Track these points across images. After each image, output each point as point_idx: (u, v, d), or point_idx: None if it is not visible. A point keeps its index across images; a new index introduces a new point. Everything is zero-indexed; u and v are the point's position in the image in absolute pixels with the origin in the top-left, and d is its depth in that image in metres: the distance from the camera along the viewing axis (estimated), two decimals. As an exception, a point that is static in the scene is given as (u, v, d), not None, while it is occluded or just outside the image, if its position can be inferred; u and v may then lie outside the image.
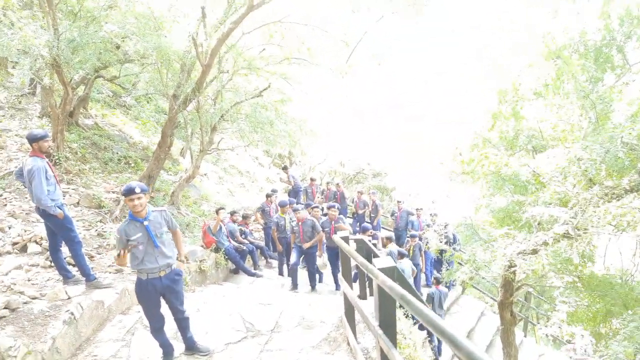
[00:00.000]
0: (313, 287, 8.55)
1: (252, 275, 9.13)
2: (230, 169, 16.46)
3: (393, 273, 3.30)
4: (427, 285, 10.95)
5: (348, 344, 5.11)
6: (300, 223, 8.37)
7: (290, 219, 9.12)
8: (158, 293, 4.27)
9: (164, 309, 4.44)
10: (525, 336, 11.73)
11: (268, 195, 10.86)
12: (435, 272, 11.30)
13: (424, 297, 8.63)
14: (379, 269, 3.20)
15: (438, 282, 8.83)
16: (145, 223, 4.06)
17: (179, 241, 4.59)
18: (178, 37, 10.17)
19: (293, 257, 8.39)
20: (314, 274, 8.64)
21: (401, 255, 9.18)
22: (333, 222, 8.68)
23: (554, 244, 4.92)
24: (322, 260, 8.05)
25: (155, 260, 4.12)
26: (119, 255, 3.96)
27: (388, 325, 3.21)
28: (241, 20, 8.66)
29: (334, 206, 8.97)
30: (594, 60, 5.40)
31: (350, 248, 4.37)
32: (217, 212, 8.79)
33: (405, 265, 8.69)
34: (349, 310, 5.01)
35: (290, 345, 5.25)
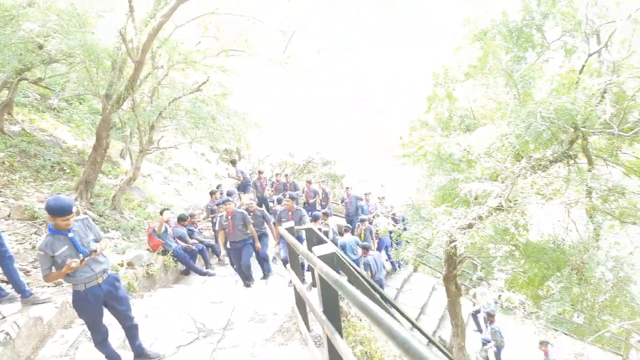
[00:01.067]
0: (266, 274, 8.49)
1: (204, 274, 8.96)
2: (176, 167, 15.98)
3: (332, 259, 3.35)
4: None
5: (301, 333, 5.16)
6: (229, 217, 7.77)
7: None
8: (100, 301, 4.07)
9: (108, 318, 4.26)
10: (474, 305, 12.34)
11: (212, 193, 10.60)
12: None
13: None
14: (318, 256, 3.23)
15: (367, 249, 9.48)
16: (70, 235, 3.82)
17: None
18: (106, 33, 9.68)
19: (238, 260, 7.98)
20: (260, 261, 8.48)
21: (345, 230, 9.77)
22: (291, 213, 8.40)
23: (488, 216, 5.18)
24: (275, 251, 7.92)
25: (90, 268, 3.91)
26: (81, 261, 3.77)
27: (331, 311, 3.26)
28: (172, 13, 8.35)
29: (294, 197, 8.68)
30: (515, 40, 5.69)
31: (294, 239, 4.37)
32: (161, 213, 8.51)
33: (348, 240, 9.49)
34: (300, 300, 5.04)
35: (243, 341, 5.22)
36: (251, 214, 8.19)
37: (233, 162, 13.28)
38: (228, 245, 7.95)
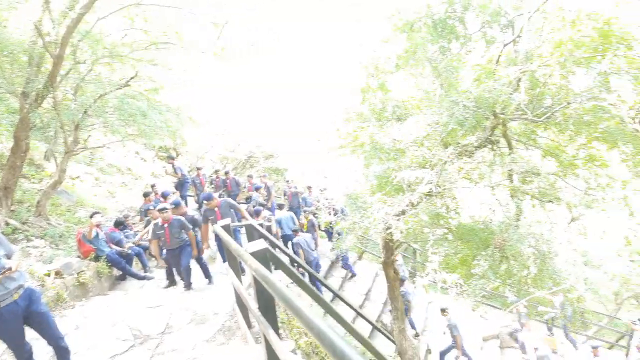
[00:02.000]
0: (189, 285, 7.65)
1: (142, 278, 8.60)
2: (108, 168, 15.15)
3: (265, 255, 3.35)
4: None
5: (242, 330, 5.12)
6: (165, 225, 7.35)
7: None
8: (19, 319, 3.73)
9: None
10: (415, 287, 12.84)
11: (146, 195, 10.10)
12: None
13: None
14: (250, 253, 3.22)
15: (296, 231, 9.92)
16: None
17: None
18: (20, 26, 8.93)
19: (177, 264, 7.56)
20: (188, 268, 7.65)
21: (295, 232, 9.86)
22: (217, 209, 8.10)
23: (419, 203, 5.38)
24: (209, 252, 7.69)
25: (3, 287, 3.56)
26: None
27: (265, 307, 3.25)
28: (92, 4, 7.87)
29: (210, 196, 8.20)
30: (440, 31, 5.93)
31: (228, 237, 4.31)
32: (91, 217, 8.04)
33: (284, 215, 10.31)
34: (239, 298, 4.99)
35: (183, 343, 5.10)
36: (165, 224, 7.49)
37: (170, 159, 12.81)
38: (164, 253, 7.68)
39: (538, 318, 13.78)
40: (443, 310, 9.89)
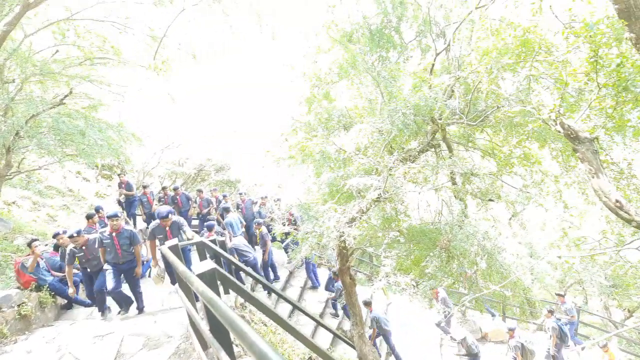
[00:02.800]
0: (141, 309, 7.43)
1: (89, 305, 8.14)
2: (47, 190, 14.30)
3: (213, 275, 3.27)
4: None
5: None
6: (113, 234, 6.98)
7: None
8: None
9: None
10: (374, 292, 12.99)
11: (89, 217, 9.52)
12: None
13: None
14: (197, 274, 3.13)
15: None
16: None
17: None
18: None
19: (110, 281, 6.97)
20: (139, 293, 7.42)
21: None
22: (168, 228, 7.60)
23: (369, 209, 5.47)
24: (156, 271, 7.30)
25: None
26: None
27: (217, 329, 3.17)
28: (17, 21, 7.44)
29: (168, 214, 7.46)
30: (377, 41, 6.08)
31: (174, 258, 4.17)
32: (29, 245, 7.54)
33: (233, 218, 10.32)
34: (192, 319, 4.84)
35: (135, 371, 4.87)
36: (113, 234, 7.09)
37: (122, 175, 12.30)
38: (106, 266, 7.18)
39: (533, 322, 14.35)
40: (366, 304, 9.90)
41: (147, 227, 8.00)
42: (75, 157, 10.23)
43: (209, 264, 3.34)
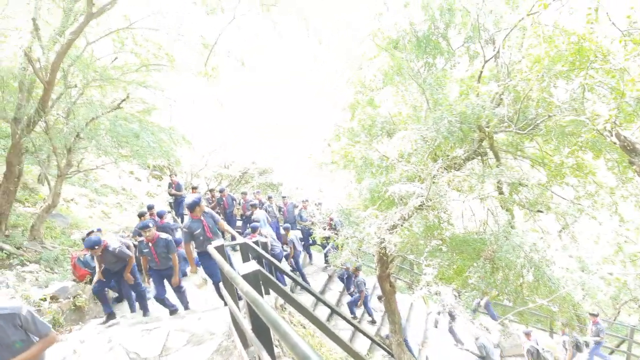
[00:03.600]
0: (186, 305, 7.56)
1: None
2: (103, 188, 15.13)
3: (257, 276, 3.38)
4: None
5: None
6: (150, 244, 7.03)
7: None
8: None
9: None
10: (414, 300, 12.82)
11: (141, 215, 9.92)
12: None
13: None
14: (242, 275, 3.24)
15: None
16: None
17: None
18: (10, 53, 9.01)
19: (155, 288, 7.17)
20: (182, 292, 7.48)
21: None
22: (202, 218, 7.04)
23: (411, 216, 5.43)
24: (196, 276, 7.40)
25: None
26: None
27: (259, 329, 3.27)
28: (81, 30, 7.95)
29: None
30: (424, 48, 6.05)
31: (221, 257, 4.33)
32: (83, 240, 8.02)
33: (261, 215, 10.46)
34: (234, 318, 4.99)
35: (180, 365, 5.08)
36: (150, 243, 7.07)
37: (172, 175, 12.87)
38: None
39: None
40: (357, 269, 10.44)
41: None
42: (129, 158, 10.79)
43: (253, 265, 3.44)
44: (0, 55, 8.81)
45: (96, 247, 6.72)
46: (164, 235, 7.17)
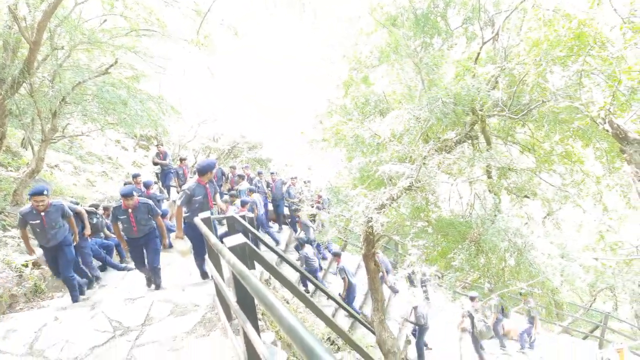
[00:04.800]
0: (158, 285, 6.93)
1: (122, 269, 8.51)
2: (88, 156, 14.87)
3: (244, 249, 3.35)
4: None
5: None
6: (130, 210, 6.35)
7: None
8: None
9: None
10: (397, 280, 12.99)
11: (127, 184, 9.89)
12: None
13: None
14: (228, 247, 3.22)
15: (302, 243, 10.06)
16: None
17: None
18: (-7, 9, 8.67)
19: (137, 262, 6.69)
20: (157, 269, 6.82)
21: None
22: (207, 185, 6.56)
23: (399, 196, 5.44)
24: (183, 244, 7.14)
25: None
26: None
27: (243, 301, 3.26)
28: (69, -12, 7.64)
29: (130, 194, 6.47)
30: (422, 27, 5.94)
31: (207, 230, 4.29)
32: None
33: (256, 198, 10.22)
34: (219, 290, 4.99)
35: (163, 335, 5.08)
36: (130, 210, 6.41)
37: (159, 145, 12.71)
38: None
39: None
40: (336, 255, 10.11)
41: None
42: (116, 126, 10.57)
43: (240, 238, 3.41)
44: (-16, 11, 8.47)
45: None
46: (143, 199, 6.54)
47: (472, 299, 9.90)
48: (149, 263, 6.65)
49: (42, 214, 5.94)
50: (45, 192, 5.89)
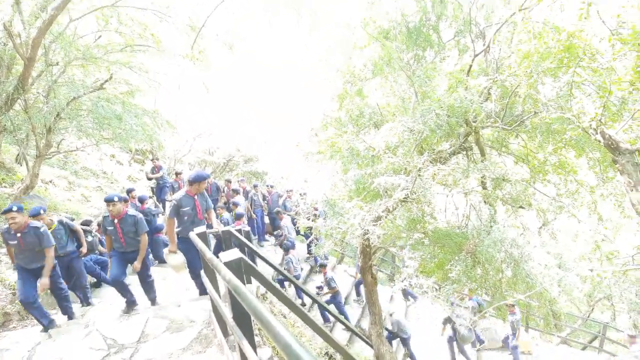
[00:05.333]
0: (153, 300, 6.77)
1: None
2: (83, 171, 14.82)
3: (239, 264, 3.33)
4: None
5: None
6: (116, 220, 6.09)
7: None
8: None
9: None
10: (394, 292, 12.94)
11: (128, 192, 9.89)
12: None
13: None
14: (224, 262, 3.19)
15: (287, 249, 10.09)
16: None
17: None
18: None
19: (113, 268, 6.28)
20: (149, 282, 6.65)
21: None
22: (196, 198, 6.35)
23: (395, 208, 5.44)
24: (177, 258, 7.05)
25: None
26: None
27: (240, 318, 3.23)
28: (65, 5, 7.69)
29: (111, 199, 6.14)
30: (415, 40, 6.02)
31: (203, 244, 4.27)
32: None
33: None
34: (215, 307, 4.95)
35: (158, 352, 5.02)
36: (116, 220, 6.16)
37: (154, 159, 12.69)
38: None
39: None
40: (322, 266, 10.22)
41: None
42: (111, 141, 10.57)
43: (235, 253, 3.39)
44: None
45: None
46: (132, 211, 6.25)
47: (465, 295, 9.90)
48: (140, 277, 6.46)
49: (18, 234, 5.68)
50: (15, 209, 5.60)
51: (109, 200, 6.03)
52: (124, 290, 6.33)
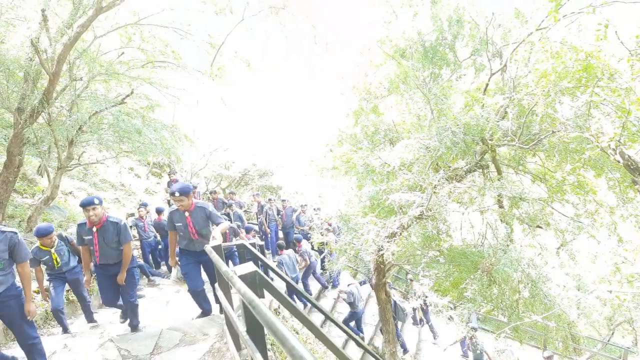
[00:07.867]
0: (135, 327, 6.31)
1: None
2: (101, 183, 15.11)
3: (254, 278, 3.35)
4: None
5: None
6: (94, 229, 5.24)
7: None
8: None
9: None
10: (408, 311, 12.74)
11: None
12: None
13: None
14: (239, 276, 3.21)
15: (280, 247, 9.90)
16: None
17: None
18: (17, 43, 9.06)
19: (103, 292, 5.81)
20: (133, 305, 6.02)
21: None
22: (187, 214, 5.56)
23: (410, 225, 5.42)
24: (176, 272, 6.96)
25: None
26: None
27: (254, 331, 3.23)
28: (90, 23, 7.96)
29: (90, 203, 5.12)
30: (431, 58, 6.07)
31: (218, 257, 4.30)
32: None
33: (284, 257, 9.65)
34: (228, 320, 4.95)
35: (171, 364, 5.03)
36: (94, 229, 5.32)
37: (171, 173, 12.91)
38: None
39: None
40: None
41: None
42: (130, 154, 10.79)
43: (250, 266, 3.42)
44: (8, 44, 8.84)
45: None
46: (114, 218, 5.41)
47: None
48: (123, 297, 5.78)
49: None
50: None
51: (87, 204, 5.12)
52: (133, 313, 6.21)
